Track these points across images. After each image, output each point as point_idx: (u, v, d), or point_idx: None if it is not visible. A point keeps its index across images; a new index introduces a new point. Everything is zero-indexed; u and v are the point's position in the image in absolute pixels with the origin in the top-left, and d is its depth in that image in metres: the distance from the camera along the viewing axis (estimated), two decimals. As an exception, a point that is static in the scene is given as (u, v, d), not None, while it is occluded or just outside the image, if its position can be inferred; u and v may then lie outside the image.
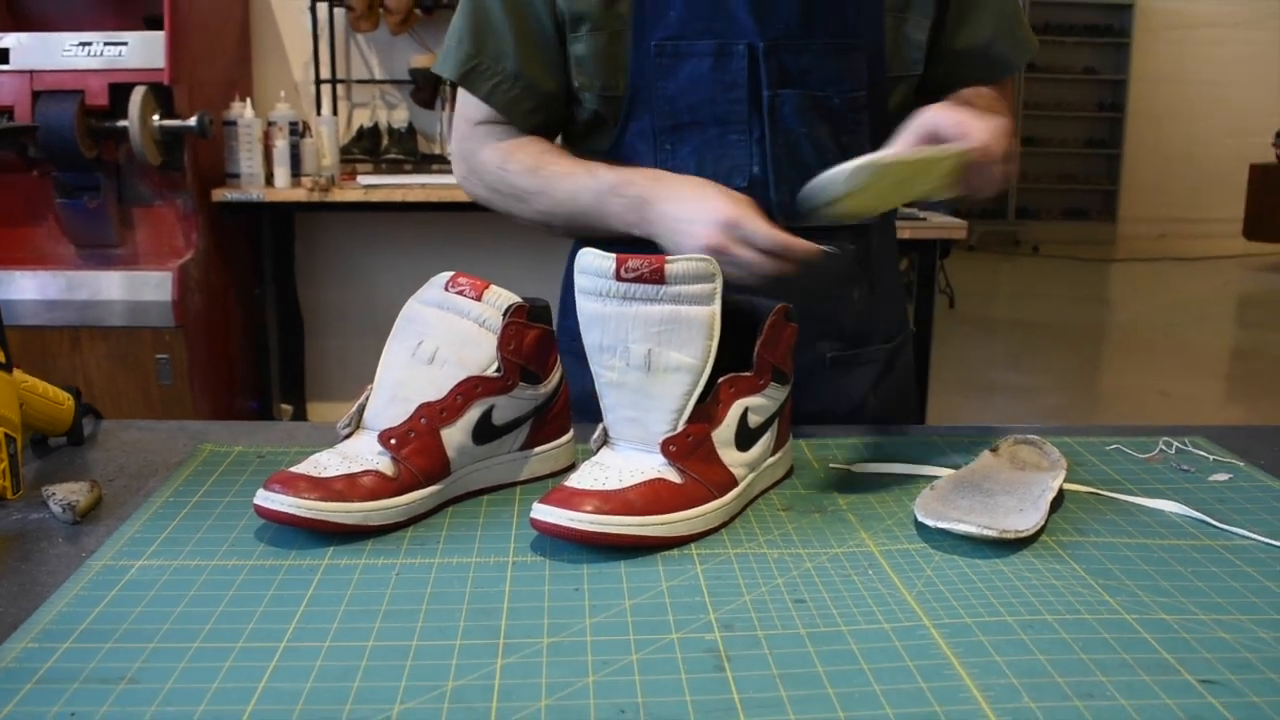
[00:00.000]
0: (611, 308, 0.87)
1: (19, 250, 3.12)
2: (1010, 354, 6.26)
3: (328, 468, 0.88)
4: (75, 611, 0.75)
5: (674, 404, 0.87)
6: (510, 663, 0.68)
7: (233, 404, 3.53)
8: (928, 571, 0.81)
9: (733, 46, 1.13)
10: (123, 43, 2.95)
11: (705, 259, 0.87)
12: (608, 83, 1.17)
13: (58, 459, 1.07)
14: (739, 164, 1.17)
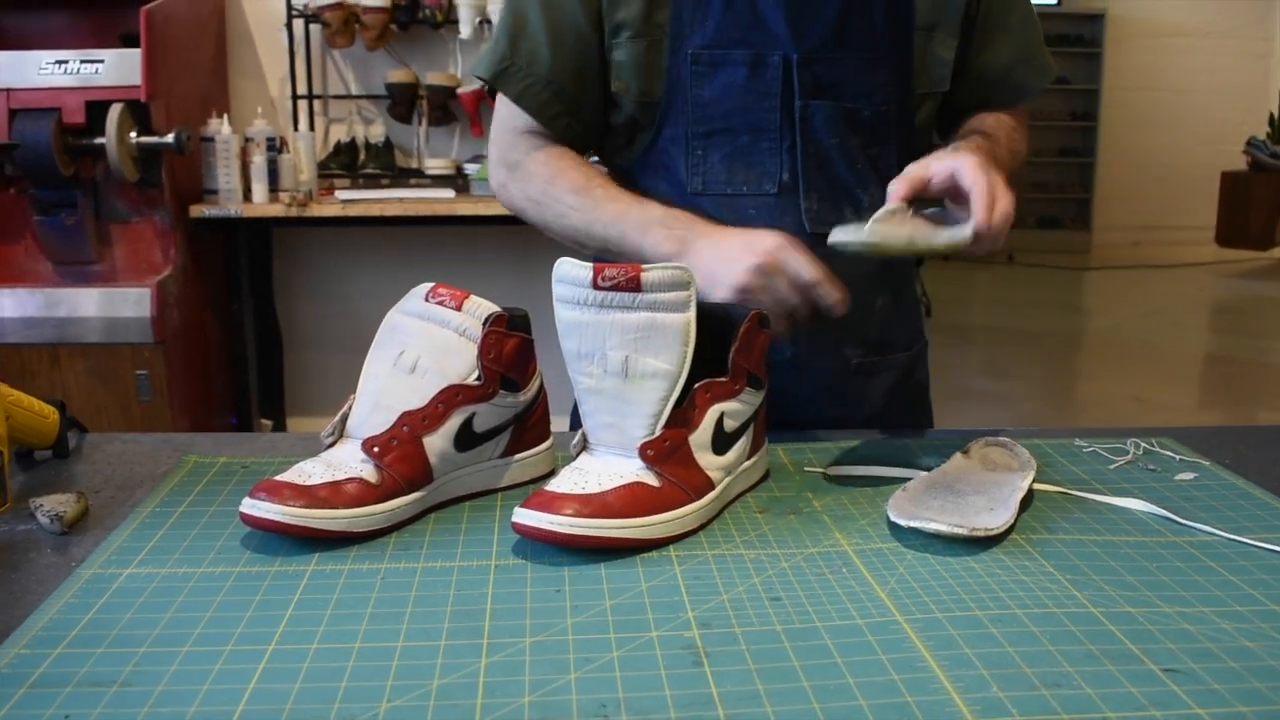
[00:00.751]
0: (589, 315, 0.89)
1: (-3, 268, 3.12)
2: (986, 362, 6.31)
3: (312, 476, 0.90)
4: (66, 618, 0.76)
5: (651, 409, 0.89)
6: (494, 661, 0.70)
7: (212, 419, 3.53)
8: (900, 569, 0.83)
9: (768, 57, 1.18)
10: (99, 60, 2.96)
11: (680, 267, 0.89)
12: (645, 88, 1.20)
13: (43, 472, 1.08)
14: (769, 171, 1.21)
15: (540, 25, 1.21)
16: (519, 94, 1.23)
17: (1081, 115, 10.34)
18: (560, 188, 1.21)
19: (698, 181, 1.23)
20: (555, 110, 1.23)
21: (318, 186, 3.49)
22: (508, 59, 1.22)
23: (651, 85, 1.21)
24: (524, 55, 1.22)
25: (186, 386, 3.28)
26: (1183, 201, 10.20)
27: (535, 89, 1.22)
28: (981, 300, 8.62)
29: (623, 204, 1.18)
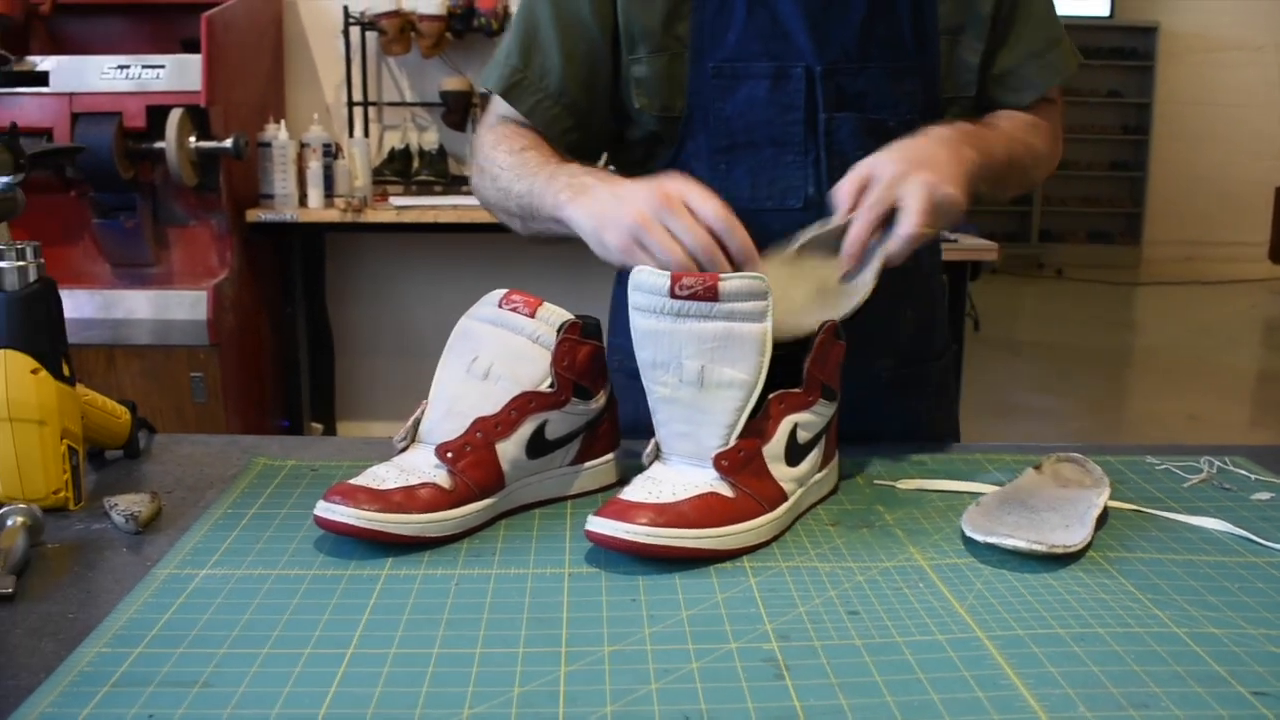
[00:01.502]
0: (665, 324, 0.89)
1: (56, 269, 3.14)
2: (1036, 377, 6.25)
3: (386, 480, 0.90)
4: (145, 618, 0.77)
5: (726, 419, 0.89)
6: (573, 670, 0.69)
7: (264, 421, 3.56)
8: (977, 585, 0.82)
9: (790, 69, 1.15)
10: (160, 65, 3.00)
11: (758, 277, 0.88)
12: (666, 103, 1.18)
13: (115, 471, 1.10)
14: (794, 185, 1.18)
15: (553, 37, 1.19)
16: (530, 109, 1.20)
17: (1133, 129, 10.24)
18: (500, 150, 1.18)
19: (721, 197, 1.18)
20: (566, 124, 1.21)
21: (372, 193, 3.52)
22: (520, 71, 1.20)
23: (673, 100, 1.18)
24: (536, 68, 1.20)
25: (240, 389, 3.31)
26: (1235, 217, 10.06)
27: (546, 104, 1.20)
28: (1030, 314, 8.55)
29: (546, 162, 1.13)
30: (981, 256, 3.03)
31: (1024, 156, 1.20)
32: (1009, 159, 1.16)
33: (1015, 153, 1.18)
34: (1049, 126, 1.28)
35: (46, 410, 0.95)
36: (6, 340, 0.93)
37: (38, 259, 0.95)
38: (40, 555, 0.89)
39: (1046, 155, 1.26)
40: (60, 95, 2.96)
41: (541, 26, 1.20)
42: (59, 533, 0.93)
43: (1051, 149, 1.28)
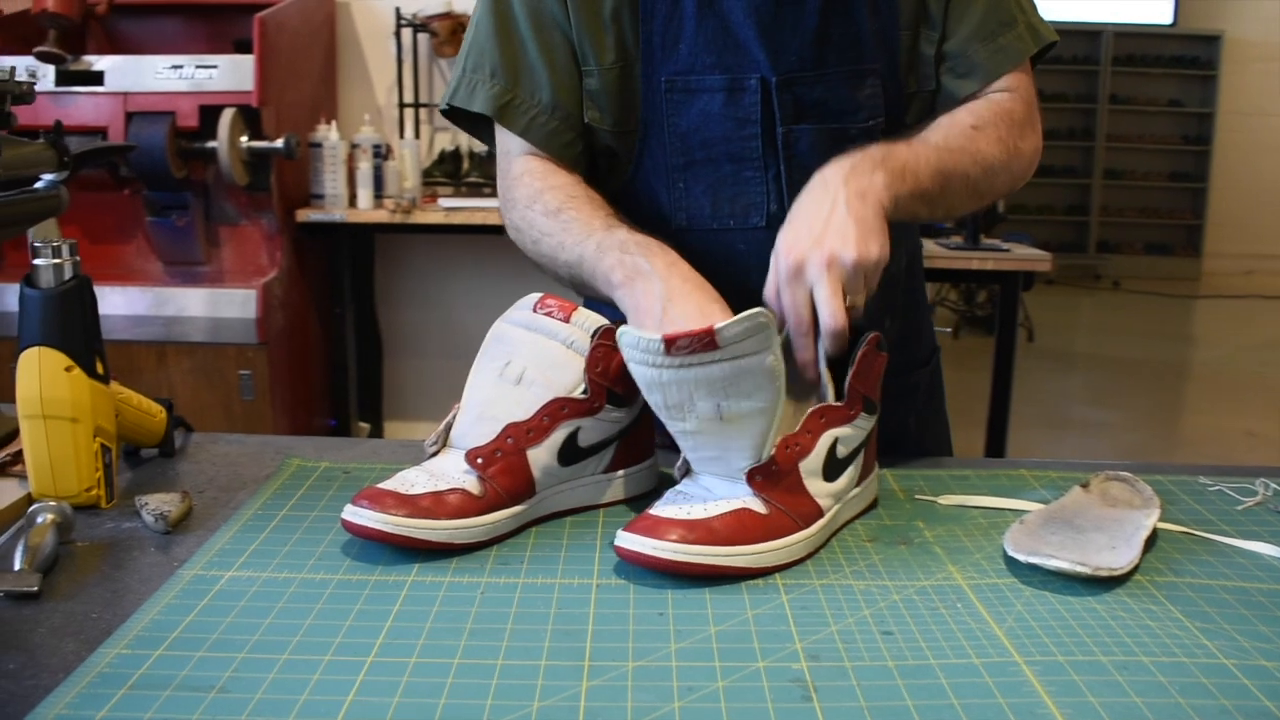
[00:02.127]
0: (668, 375, 0.85)
1: (110, 266, 3.21)
2: (1089, 390, 6.14)
3: (415, 485, 0.89)
4: (167, 620, 0.76)
5: (753, 441, 0.87)
6: (595, 685, 0.68)
7: (311, 421, 3.58)
8: (1018, 607, 0.80)
9: (745, 81, 1.09)
10: (213, 66, 3.03)
11: (757, 312, 0.83)
12: (619, 118, 1.13)
13: (149, 470, 1.10)
14: (755, 202, 1.13)
15: (536, 53, 1.13)
16: (525, 127, 1.13)
17: (1194, 139, 10.06)
18: (535, 211, 1.11)
19: (681, 217, 1.15)
20: (565, 139, 1.14)
21: (421, 194, 3.53)
22: (509, 90, 1.13)
23: (626, 114, 1.13)
24: (524, 86, 1.13)
25: (288, 388, 3.33)
26: (1299, 230, 9.85)
27: (540, 119, 1.13)
28: (1086, 326, 8.42)
29: (590, 228, 1.06)
30: (1034, 267, 2.97)
31: (964, 167, 1.08)
32: (940, 173, 1.05)
33: (950, 165, 1.06)
34: (1005, 125, 1.12)
35: (79, 408, 0.95)
36: (40, 338, 0.93)
37: (73, 257, 0.95)
38: (70, 553, 0.88)
39: (1002, 159, 1.11)
40: (115, 95, 3.00)
41: (524, 41, 1.13)
42: (89, 531, 0.93)
43: (1009, 151, 1.12)
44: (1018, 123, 1.13)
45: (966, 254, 2.92)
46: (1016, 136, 1.13)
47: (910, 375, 1.28)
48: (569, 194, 1.11)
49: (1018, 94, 1.15)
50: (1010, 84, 1.14)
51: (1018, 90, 1.15)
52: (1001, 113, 1.12)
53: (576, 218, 1.08)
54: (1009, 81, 1.14)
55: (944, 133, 1.09)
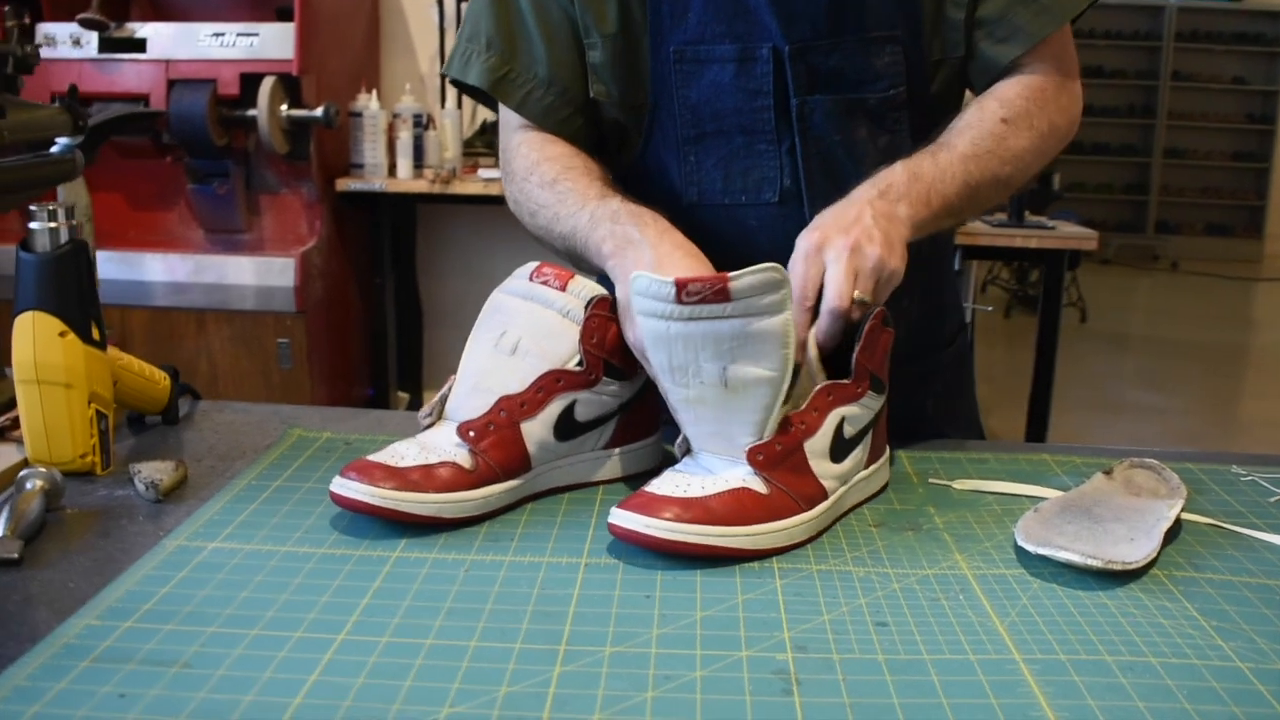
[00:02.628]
0: (677, 329, 0.82)
1: (152, 233, 3.23)
2: (1143, 373, 6.02)
3: (405, 457, 0.87)
4: (142, 591, 0.74)
5: (756, 416, 0.83)
6: (568, 671, 0.65)
7: (350, 390, 3.59)
8: (1023, 600, 0.76)
9: (756, 50, 1.05)
10: (254, 34, 3.03)
11: (771, 267, 0.80)
12: (627, 91, 1.09)
13: (152, 437, 1.08)
14: (768, 176, 1.09)
15: (533, 24, 1.10)
16: (520, 101, 1.10)
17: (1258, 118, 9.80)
18: (531, 183, 1.09)
19: (693, 192, 1.11)
20: (563, 114, 1.11)
21: (462, 164, 3.51)
22: (506, 64, 1.10)
23: (633, 88, 1.09)
24: (521, 59, 1.10)
25: (326, 357, 3.34)
26: (1367, 212, 9.57)
27: (537, 94, 1.10)
28: (1142, 308, 8.25)
29: (585, 199, 1.03)
30: (1080, 245, 2.89)
31: (993, 170, 1.03)
32: (967, 185, 1.01)
33: (978, 175, 1.01)
34: (1037, 108, 1.06)
35: (74, 373, 0.93)
36: (35, 302, 0.92)
37: (70, 220, 0.93)
38: (59, 520, 0.87)
39: (1035, 147, 1.06)
40: (158, 62, 3.00)
41: (521, 11, 1.11)
42: (81, 498, 0.92)
43: (1042, 135, 1.07)
44: (1051, 98, 1.07)
45: (1010, 231, 2.84)
46: (1052, 114, 1.07)
47: (931, 357, 1.23)
48: (565, 165, 1.08)
49: (1053, 61, 1.09)
50: (1050, 49, 1.08)
51: (1055, 54, 1.08)
52: (1034, 94, 1.06)
53: (572, 189, 1.05)
54: (1046, 49, 1.08)
55: (972, 136, 1.03)
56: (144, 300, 3.12)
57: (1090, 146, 9.45)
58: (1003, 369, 5.39)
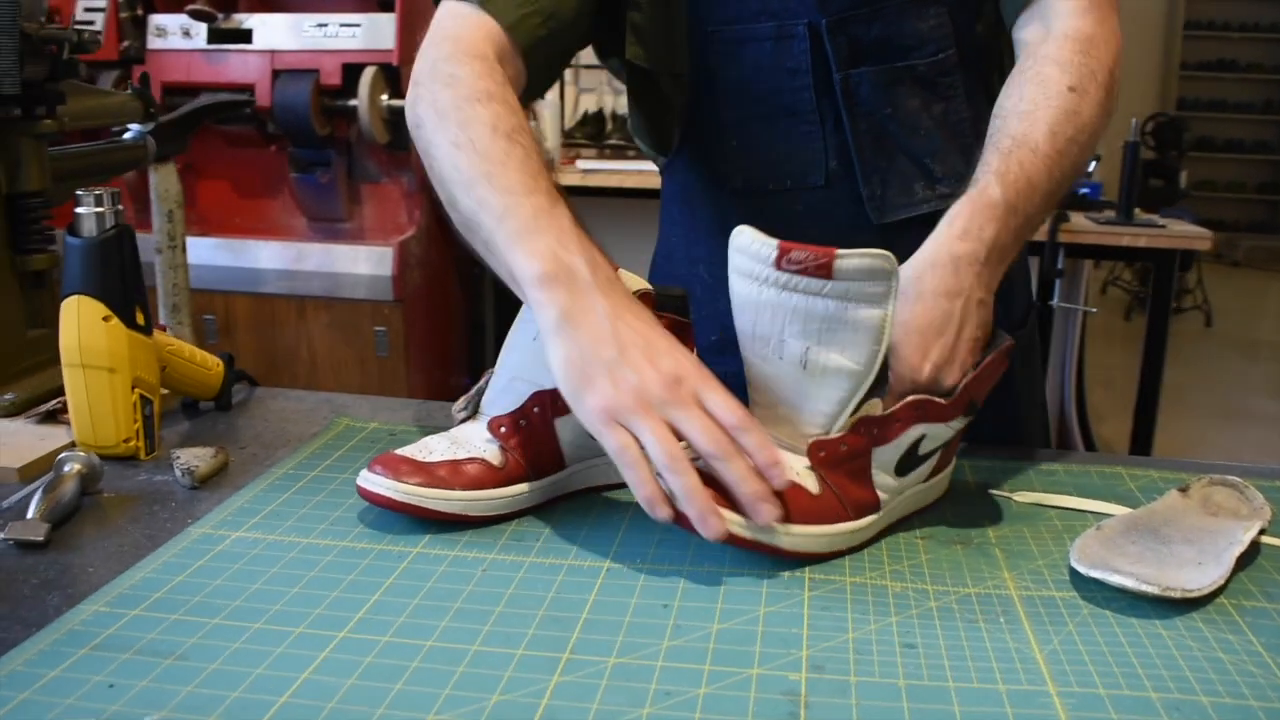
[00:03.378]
0: (768, 295, 0.78)
1: (257, 221, 3.29)
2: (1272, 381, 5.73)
3: (434, 452, 0.85)
4: (156, 579, 0.74)
5: (829, 409, 0.79)
6: (566, 681, 0.62)
7: (447, 379, 3.62)
8: (1070, 626, 0.70)
9: (792, 28, 1.00)
10: (356, 24, 3.06)
11: (882, 255, 0.75)
12: (665, 57, 1.04)
13: (202, 423, 1.09)
14: (813, 159, 1.04)
15: None
16: (514, 22, 0.95)
17: None
18: (478, 112, 0.88)
19: (738, 179, 1.06)
20: (547, 52, 0.98)
21: (561, 155, 3.51)
22: None
23: (672, 56, 1.04)
24: None
25: (423, 346, 3.36)
26: None
27: (534, 20, 0.96)
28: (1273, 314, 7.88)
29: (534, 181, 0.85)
30: (1192, 245, 2.73)
31: (1075, 159, 0.91)
32: (1049, 195, 0.90)
33: (1059, 171, 0.90)
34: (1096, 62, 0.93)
35: (117, 358, 0.94)
36: (80, 286, 0.92)
37: (115, 205, 0.94)
38: (95, 504, 0.88)
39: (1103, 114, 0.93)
40: (263, 53, 3.05)
41: None
42: (120, 482, 0.92)
43: (1108, 92, 0.93)
44: (1102, 42, 0.94)
45: (1118, 229, 2.71)
46: (1108, 61, 0.94)
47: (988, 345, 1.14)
48: (521, 124, 0.89)
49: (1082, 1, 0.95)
50: None
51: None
52: (1085, 43, 0.93)
53: (524, 159, 0.86)
54: None
55: (1049, 124, 0.89)
56: (247, 287, 3.18)
57: (1222, 143, 9.04)
58: (1121, 374, 5.19)
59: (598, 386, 0.76)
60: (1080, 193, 2.90)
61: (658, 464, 0.74)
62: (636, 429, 0.75)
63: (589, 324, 0.78)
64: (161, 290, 1.97)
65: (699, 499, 0.73)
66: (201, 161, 3.28)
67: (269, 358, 3.20)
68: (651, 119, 1.10)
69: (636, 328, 0.78)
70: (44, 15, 1.03)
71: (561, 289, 0.79)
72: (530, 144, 0.88)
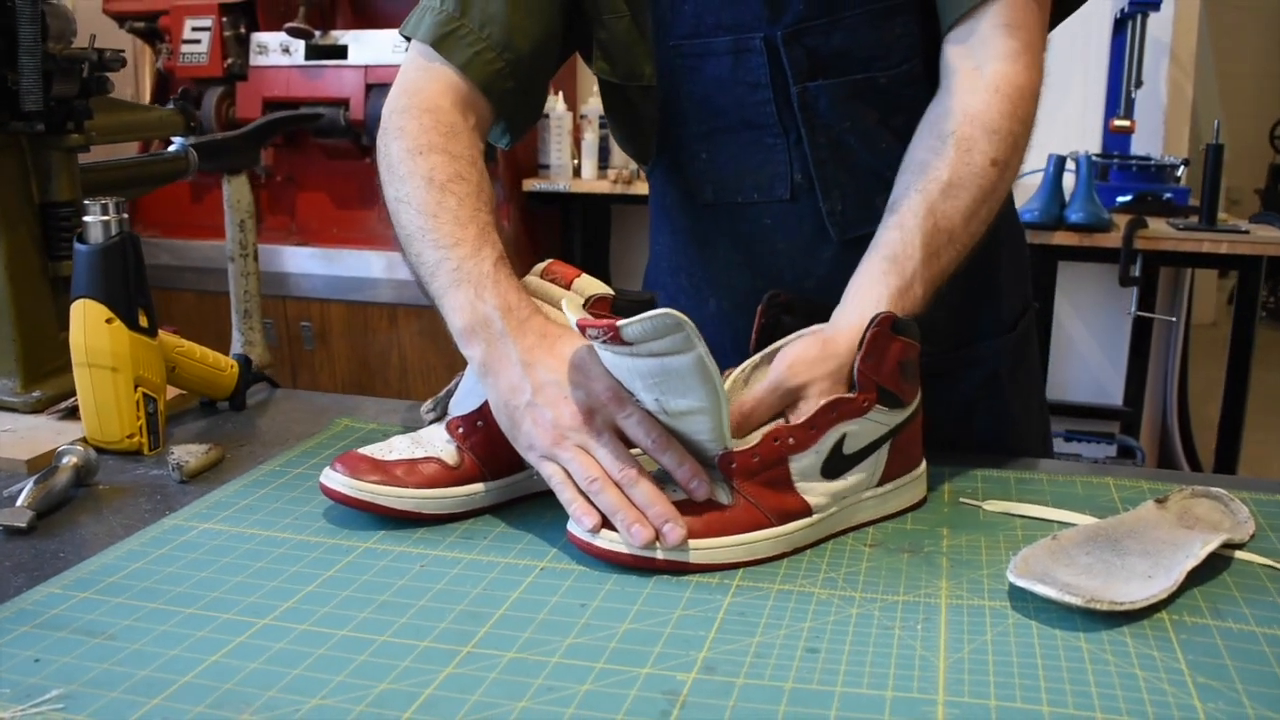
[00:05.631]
0: (609, 358, 0.79)
1: (352, 231, 3.40)
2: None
3: (394, 451, 0.88)
4: (115, 564, 0.78)
5: (707, 435, 0.80)
6: (458, 673, 0.64)
7: (536, 386, 3.67)
8: (987, 636, 0.69)
9: (749, 41, 0.99)
10: (445, 38, 3.14)
11: (664, 313, 0.73)
12: (632, 71, 1.04)
13: (214, 421, 1.14)
14: (778, 172, 1.02)
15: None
16: (467, 61, 0.98)
17: None
18: (417, 166, 0.93)
19: (708, 191, 1.06)
20: (507, 85, 1.00)
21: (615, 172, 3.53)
22: (455, 19, 0.99)
23: (639, 67, 1.03)
24: (475, 14, 0.99)
25: (510, 352, 3.42)
26: None
27: (488, 56, 0.99)
28: None
29: (461, 233, 0.89)
30: (1278, 252, 2.61)
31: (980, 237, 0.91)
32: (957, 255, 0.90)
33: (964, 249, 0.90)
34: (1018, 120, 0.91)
35: (120, 358, 0.99)
36: (86, 290, 0.98)
37: (120, 214, 0.99)
38: (90, 495, 0.93)
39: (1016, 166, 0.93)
40: (357, 68, 3.16)
41: None
42: (118, 475, 0.97)
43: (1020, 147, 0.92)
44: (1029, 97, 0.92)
45: (1198, 235, 2.60)
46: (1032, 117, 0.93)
47: (972, 348, 1.10)
48: (458, 172, 0.93)
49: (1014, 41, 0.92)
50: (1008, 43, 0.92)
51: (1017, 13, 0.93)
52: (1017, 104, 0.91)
53: (456, 209, 0.90)
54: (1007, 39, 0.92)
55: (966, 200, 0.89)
56: (342, 295, 3.29)
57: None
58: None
59: (523, 428, 0.83)
60: (1165, 198, 2.80)
61: (582, 487, 0.80)
62: (561, 460, 0.81)
63: (504, 371, 0.84)
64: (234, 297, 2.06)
65: (622, 512, 0.78)
66: (302, 174, 3.40)
67: (362, 364, 3.31)
68: (627, 130, 1.11)
69: (549, 365, 0.83)
70: (73, 36, 1.09)
71: (479, 341, 0.86)
72: (466, 190, 0.92)
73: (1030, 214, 2.74)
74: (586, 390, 0.81)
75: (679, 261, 1.14)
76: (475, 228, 0.90)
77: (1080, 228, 2.69)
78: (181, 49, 3.25)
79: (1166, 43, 3.25)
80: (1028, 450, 1.10)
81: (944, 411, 0.96)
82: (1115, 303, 3.25)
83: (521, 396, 0.83)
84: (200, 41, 3.20)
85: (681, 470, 0.80)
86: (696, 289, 1.12)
